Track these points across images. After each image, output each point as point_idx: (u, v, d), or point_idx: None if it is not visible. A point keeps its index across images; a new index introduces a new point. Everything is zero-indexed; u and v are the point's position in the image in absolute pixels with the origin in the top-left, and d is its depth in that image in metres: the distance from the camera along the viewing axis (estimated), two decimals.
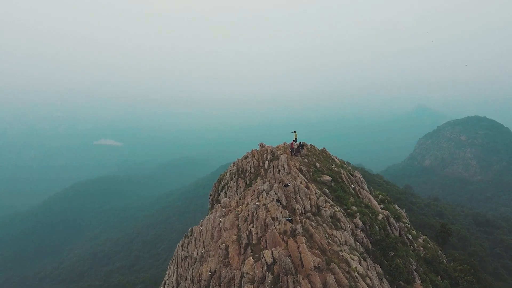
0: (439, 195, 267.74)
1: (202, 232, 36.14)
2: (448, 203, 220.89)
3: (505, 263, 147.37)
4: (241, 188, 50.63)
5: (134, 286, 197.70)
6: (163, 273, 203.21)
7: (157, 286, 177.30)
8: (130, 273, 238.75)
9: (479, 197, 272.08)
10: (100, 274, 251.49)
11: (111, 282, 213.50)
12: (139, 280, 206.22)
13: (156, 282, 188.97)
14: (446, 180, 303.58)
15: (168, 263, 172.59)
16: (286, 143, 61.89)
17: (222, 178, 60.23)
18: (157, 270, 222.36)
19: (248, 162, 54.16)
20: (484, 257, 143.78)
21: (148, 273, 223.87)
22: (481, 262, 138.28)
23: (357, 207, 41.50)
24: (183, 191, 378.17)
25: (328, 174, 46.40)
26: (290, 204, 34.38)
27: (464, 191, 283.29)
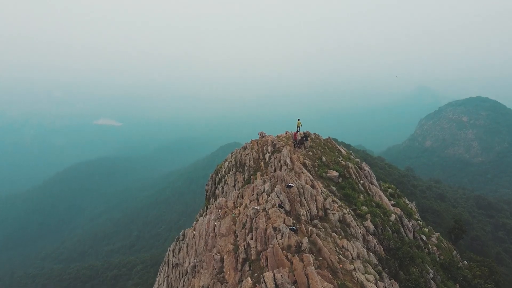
0: (439, 176, 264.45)
1: (195, 238, 32.01)
2: (449, 185, 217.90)
3: (507, 247, 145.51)
4: (239, 184, 46.21)
5: (135, 266, 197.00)
6: (163, 253, 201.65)
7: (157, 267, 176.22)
8: (130, 253, 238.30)
9: (479, 179, 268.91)
10: (101, 254, 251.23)
11: (111, 262, 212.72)
12: (139, 260, 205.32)
13: (156, 262, 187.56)
14: (447, 161, 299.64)
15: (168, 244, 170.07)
16: (288, 132, 57.31)
17: (219, 170, 55.78)
18: (158, 251, 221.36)
19: (247, 154, 49.50)
20: (487, 242, 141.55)
21: (149, 253, 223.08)
22: (483, 247, 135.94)
23: (368, 207, 37.18)
24: (183, 171, 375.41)
25: (335, 169, 41.90)
26: (294, 208, 30.02)
27: (464, 173, 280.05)
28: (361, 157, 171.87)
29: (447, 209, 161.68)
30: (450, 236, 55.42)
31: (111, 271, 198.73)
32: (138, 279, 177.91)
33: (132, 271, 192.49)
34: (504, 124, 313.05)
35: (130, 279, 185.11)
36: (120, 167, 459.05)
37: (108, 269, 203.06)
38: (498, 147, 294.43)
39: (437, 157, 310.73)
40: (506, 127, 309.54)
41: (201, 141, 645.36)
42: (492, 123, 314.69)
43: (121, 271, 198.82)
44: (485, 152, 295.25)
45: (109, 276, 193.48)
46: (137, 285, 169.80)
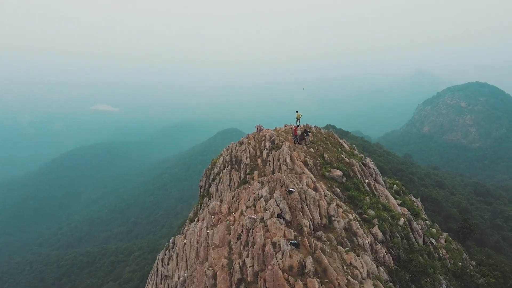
0: (437, 162, 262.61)
1: (185, 248, 28.81)
2: (447, 172, 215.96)
3: (505, 235, 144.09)
4: (234, 182, 42.79)
5: (132, 252, 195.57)
6: (160, 240, 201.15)
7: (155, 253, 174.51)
8: (128, 239, 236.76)
9: (477, 164, 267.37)
10: (98, 240, 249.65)
11: (108, 248, 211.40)
12: (136, 247, 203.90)
13: (153, 249, 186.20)
14: (445, 147, 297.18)
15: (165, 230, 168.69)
16: (287, 125, 53.76)
17: (214, 165, 52.24)
18: (155, 237, 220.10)
19: (243, 150, 45.81)
20: (485, 230, 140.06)
21: (146, 239, 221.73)
22: (482, 235, 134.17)
23: (375, 210, 34.00)
24: (180, 157, 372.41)
25: (338, 167, 38.53)
26: (295, 218, 26.77)
27: (462, 158, 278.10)
28: (359, 144, 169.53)
29: (446, 196, 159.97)
30: (458, 235, 52.63)
31: (108, 258, 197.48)
32: (135, 266, 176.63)
33: (130, 258, 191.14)
34: (502, 109, 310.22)
35: (127, 266, 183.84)
36: (117, 153, 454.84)
37: (105, 255, 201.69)
38: (496, 133, 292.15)
39: (435, 143, 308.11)
40: (504, 112, 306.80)
41: (198, 126, 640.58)
42: (490, 109, 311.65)
43: (118, 257, 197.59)
44: (483, 138, 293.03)
45: (106, 263, 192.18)
46: (135, 271, 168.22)
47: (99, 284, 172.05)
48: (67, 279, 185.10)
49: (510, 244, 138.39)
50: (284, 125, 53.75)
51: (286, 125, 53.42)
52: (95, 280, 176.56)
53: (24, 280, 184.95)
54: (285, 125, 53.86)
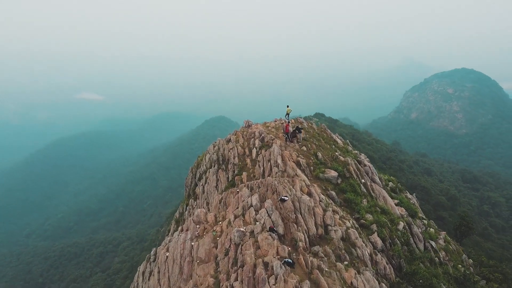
0: (424, 148, 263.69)
1: (167, 262, 25.88)
2: (435, 159, 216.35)
3: (493, 221, 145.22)
4: (222, 184, 39.68)
5: (121, 243, 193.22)
6: (149, 229, 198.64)
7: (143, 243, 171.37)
8: (116, 229, 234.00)
9: (463, 151, 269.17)
10: (86, 230, 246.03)
11: (97, 239, 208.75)
12: (125, 237, 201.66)
13: (142, 239, 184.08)
14: (432, 133, 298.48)
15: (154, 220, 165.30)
16: (277, 120, 50.61)
17: (200, 163, 48.98)
18: (143, 226, 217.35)
19: (231, 149, 42.45)
20: (473, 217, 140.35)
21: (135, 229, 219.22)
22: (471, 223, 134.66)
23: (373, 215, 31.43)
24: (167, 146, 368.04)
25: (333, 167, 35.70)
26: (289, 231, 23.97)
27: (449, 145, 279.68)
28: (349, 133, 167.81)
29: (434, 184, 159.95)
30: (456, 233, 50.75)
31: (96, 248, 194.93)
32: (124, 256, 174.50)
33: (118, 248, 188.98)
34: (488, 96, 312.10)
35: (116, 256, 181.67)
36: (103, 142, 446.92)
37: (93, 246, 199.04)
38: (482, 119, 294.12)
39: (422, 129, 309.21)
40: (490, 99, 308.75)
41: (185, 115, 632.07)
42: (476, 95, 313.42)
43: (107, 248, 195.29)
44: (469, 124, 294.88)
45: (95, 253, 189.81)
46: (123, 262, 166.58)
47: (87, 275, 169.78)
48: (55, 270, 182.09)
49: (497, 230, 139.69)
50: (274, 120, 50.56)
51: (276, 120, 50.25)
52: (83, 271, 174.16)
53: (11, 272, 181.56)
54: (275, 119, 50.70)
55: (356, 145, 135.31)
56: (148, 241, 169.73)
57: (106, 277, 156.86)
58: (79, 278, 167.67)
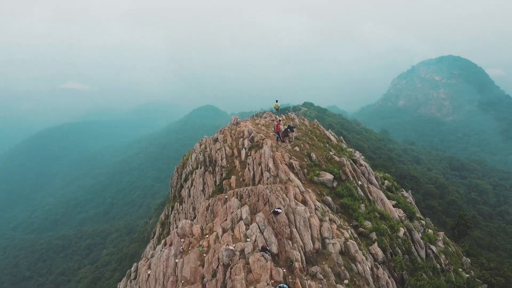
0: (412, 136, 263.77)
1: (149, 281, 23.28)
2: (423, 147, 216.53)
3: (480, 209, 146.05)
4: (209, 188, 36.87)
5: (109, 234, 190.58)
6: (137, 220, 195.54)
7: (132, 235, 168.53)
8: (104, 221, 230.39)
9: (450, 137, 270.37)
10: (74, 222, 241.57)
11: (85, 231, 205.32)
12: (114, 229, 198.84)
13: (131, 230, 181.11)
14: (419, 121, 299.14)
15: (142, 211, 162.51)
16: (266, 112, 47.84)
17: (186, 163, 45.97)
18: (132, 218, 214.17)
19: (218, 149, 39.35)
20: (462, 205, 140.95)
21: (123, 220, 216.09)
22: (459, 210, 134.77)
23: (372, 221, 29.10)
24: (155, 136, 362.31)
25: (328, 169, 33.12)
26: (283, 248, 21.40)
27: (436, 132, 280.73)
28: (338, 122, 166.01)
29: (423, 172, 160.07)
30: (453, 232, 48.99)
31: (84, 241, 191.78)
32: (112, 248, 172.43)
33: (107, 240, 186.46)
34: (475, 83, 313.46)
35: (104, 248, 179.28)
36: (90, 132, 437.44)
37: (81, 238, 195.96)
38: (469, 106, 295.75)
39: (410, 116, 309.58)
40: (476, 86, 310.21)
41: (173, 105, 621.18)
42: (463, 82, 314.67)
43: (95, 240, 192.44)
44: (456, 111, 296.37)
45: (83, 246, 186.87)
46: (112, 254, 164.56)
47: (76, 268, 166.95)
48: (42, 263, 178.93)
49: (484, 217, 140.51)
50: (264, 114, 47.73)
51: (265, 114, 47.32)
52: (71, 264, 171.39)
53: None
54: (265, 113, 47.85)
55: (346, 135, 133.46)
56: (137, 233, 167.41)
57: (95, 270, 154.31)
58: (67, 271, 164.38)
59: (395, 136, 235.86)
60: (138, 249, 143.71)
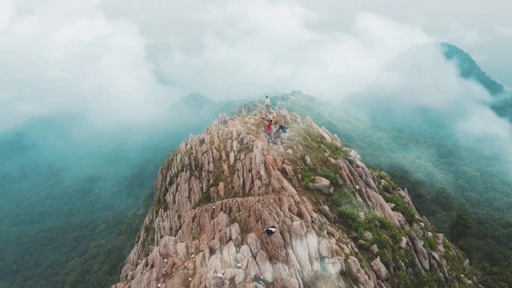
0: (399, 123, 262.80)
1: None
2: (411, 134, 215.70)
3: (468, 196, 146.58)
4: (195, 195, 33.89)
5: (97, 226, 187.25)
6: (126, 211, 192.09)
7: (120, 226, 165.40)
8: (92, 212, 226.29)
9: (437, 123, 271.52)
10: (61, 214, 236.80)
11: (72, 223, 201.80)
12: (101, 220, 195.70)
13: (119, 221, 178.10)
14: (407, 107, 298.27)
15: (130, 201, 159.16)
16: (256, 111, 44.88)
17: (171, 164, 42.80)
18: (120, 208, 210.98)
19: (205, 152, 36.21)
20: (450, 193, 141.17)
21: (111, 211, 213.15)
22: (448, 199, 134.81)
23: (372, 231, 26.71)
24: (142, 125, 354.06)
25: (324, 174, 30.39)
26: (279, 275, 18.62)
27: (422, 118, 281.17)
28: (327, 112, 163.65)
29: (412, 160, 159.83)
30: (452, 232, 47.20)
31: (72, 233, 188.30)
32: (100, 240, 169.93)
33: (95, 232, 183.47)
34: (461, 68, 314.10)
35: (92, 240, 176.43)
36: (75, 121, 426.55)
37: (69, 230, 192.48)
38: (455, 91, 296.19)
39: (397, 103, 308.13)
40: (462, 71, 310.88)
41: (158, 93, 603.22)
42: (449, 68, 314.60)
43: (83, 231, 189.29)
44: (443, 97, 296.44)
45: (71, 238, 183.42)
46: (100, 246, 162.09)
47: (63, 261, 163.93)
48: (29, 256, 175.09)
49: (473, 205, 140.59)
50: (254, 113, 44.57)
51: (255, 112, 44.27)
52: (59, 257, 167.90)
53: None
54: (254, 112, 44.75)
55: (335, 125, 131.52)
56: (125, 224, 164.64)
57: (83, 262, 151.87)
58: (55, 263, 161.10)
59: (383, 123, 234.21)
60: (126, 241, 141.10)
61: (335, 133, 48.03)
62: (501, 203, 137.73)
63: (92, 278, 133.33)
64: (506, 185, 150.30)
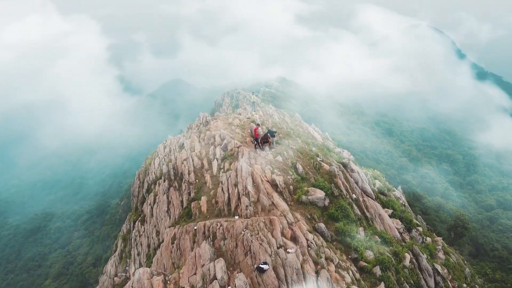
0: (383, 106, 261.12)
1: None
2: (394, 118, 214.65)
3: (451, 179, 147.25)
4: (175, 209, 29.96)
5: (80, 216, 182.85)
6: (109, 200, 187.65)
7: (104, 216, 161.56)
8: (74, 202, 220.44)
9: (419, 106, 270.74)
10: (43, 204, 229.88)
11: (54, 214, 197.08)
12: (84, 210, 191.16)
13: (103, 211, 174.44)
14: (390, 91, 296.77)
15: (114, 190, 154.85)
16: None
17: (148, 168, 38.73)
18: (103, 198, 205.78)
19: (185, 159, 32.17)
20: (435, 178, 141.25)
21: (94, 200, 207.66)
22: (432, 184, 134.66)
23: (373, 250, 23.73)
24: (123, 112, 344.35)
25: (318, 185, 27.04)
26: None
27: (406, 102, 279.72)
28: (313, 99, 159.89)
29: (396, 145, 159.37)
30: (450, 234, 44.94)
31: (54, 224, 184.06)
32: (84, 230, 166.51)
33: (78, 222, 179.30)
34: (443, 51, 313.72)
35: (76, 231, 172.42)
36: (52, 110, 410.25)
37: (51, 221, 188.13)
38: (439, 75, 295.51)
39: (380, 87, 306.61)
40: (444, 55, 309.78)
41: (138, 79, 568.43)
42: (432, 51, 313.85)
43: (66, 222, 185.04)
44: (426, 80, 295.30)
45: (53, 229, 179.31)
46: (84, 237, 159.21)
47: (46, 253, 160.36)
48: (10, 249, 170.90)
49: (456, 188, 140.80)
50: (238, 111, 40.57)
51: (240, 110, 40.18)
52: (41, 249, 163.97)
53: None
54: (239, 110, 40.62)
55: (321, 112, 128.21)
56: (108, 214, 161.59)
57: (66, 254, 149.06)
58: (37, 256, 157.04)
59: (367, 108, 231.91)
60: (110, 231, 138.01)
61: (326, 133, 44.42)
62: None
63: (76, 270, 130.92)
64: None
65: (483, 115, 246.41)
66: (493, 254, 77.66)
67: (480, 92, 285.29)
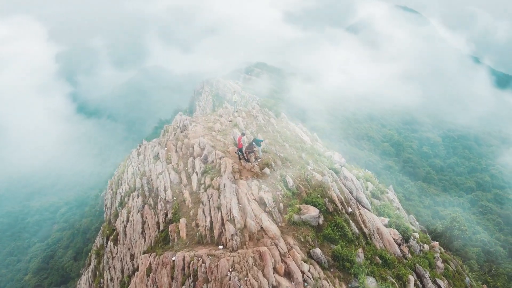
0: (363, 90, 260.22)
1: None
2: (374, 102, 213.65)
3: (432, 162, 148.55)
4: (150, 231, 26.03)
5: (59, 208, 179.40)
6: (89, 191, 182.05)
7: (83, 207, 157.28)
8: (53, 193, 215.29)
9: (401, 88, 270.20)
10: (19, 197, 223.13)
11: (32, 206, 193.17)
12: (63, 202, 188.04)
13: (82, 203, 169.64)
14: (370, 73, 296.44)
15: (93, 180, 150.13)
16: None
17: (121, 178, 34.67)
18: (82, 188, 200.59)
19: (160, 173, 28.32)
20: (417, 161, 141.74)
21: (72, 192, 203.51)
22: (414, 168, 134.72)
23: (375, 275, 21.03)
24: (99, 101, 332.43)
25: (311, 201, 23.91)
26: None
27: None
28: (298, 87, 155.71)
29: (378, 130, 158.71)
30: (445, 236, 42.95)
31: (32, 217, 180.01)
32: (63, 223, 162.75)
33: (56, 215, 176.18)
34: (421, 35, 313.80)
35: (55, 223, 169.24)
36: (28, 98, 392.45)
37: (28, 214, 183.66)
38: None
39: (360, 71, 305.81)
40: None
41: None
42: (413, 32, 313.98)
43: (44, 215, 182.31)
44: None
45: (31, 222, 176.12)
46: (63, 229, 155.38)
47: (25, 247, 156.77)
48: None
49: (437, 171, 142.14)
50: (219, 113, 36.67)
51: (221, 111, 36.30)
52: (20, 243, 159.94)
53: None
54: (219, 111, 36.76)
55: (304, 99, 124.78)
56: (88, 206, 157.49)
57: (46, 247, 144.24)
58: (16, 250, 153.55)
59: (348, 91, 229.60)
60: (90, 224, 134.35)
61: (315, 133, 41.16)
62: None
63: (57, 264, 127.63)
64: None
65: None
66: None
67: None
